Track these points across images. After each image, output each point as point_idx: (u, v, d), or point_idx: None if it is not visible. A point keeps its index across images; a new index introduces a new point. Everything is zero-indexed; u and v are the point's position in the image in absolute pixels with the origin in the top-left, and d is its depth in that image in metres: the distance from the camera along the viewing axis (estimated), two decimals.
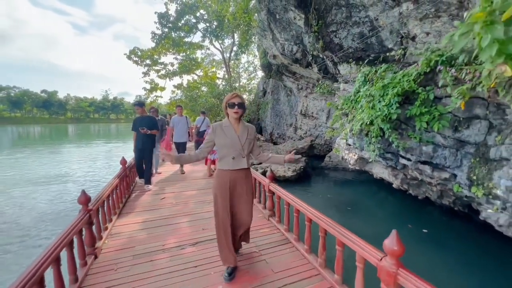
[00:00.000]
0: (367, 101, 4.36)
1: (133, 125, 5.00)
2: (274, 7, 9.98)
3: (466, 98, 3.10)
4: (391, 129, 4.06)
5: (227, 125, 2.25)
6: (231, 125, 2.25)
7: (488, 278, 3.58)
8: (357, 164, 6.56)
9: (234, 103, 2.16)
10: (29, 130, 51.34)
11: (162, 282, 2.27)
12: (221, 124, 2.27)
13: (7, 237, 5.07)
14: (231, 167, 2.24)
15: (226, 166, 2.24)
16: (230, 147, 2.21)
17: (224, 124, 2.26)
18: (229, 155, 2.23)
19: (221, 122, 2.29)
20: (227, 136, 2.21)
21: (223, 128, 2.24)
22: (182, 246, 2.89)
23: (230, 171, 2.24)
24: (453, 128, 3.61)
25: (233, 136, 2.22)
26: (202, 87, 19.07)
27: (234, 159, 2.24)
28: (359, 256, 1.87)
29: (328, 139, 12.09)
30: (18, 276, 1.54)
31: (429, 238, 5.01)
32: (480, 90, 2.92)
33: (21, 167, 12.59)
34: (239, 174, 2.27)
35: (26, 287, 1.50)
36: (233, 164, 2.24)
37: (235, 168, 2.24)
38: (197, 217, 3.73)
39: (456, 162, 3.72)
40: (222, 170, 2.27)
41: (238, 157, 2.25)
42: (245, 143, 2.25)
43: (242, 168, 2.28)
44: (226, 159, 2.24)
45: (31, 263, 1.66)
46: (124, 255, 2.71)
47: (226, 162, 2.24)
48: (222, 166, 2.27)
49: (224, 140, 2.21)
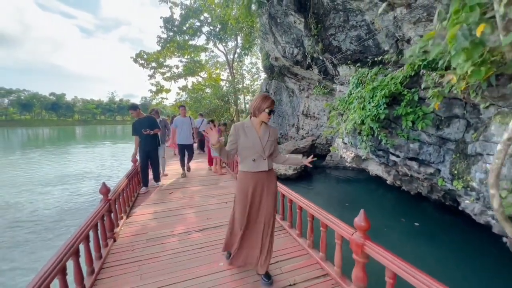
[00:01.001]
0: (358, 102, 4.70)
1: (134, 129, 4.87)
2: (275, 11, 10.35)
3: (440, 99, 3.42)
4: (379, 128, 4.39)
5: (249, 126, 2.18)
6: (253, 126, 2.19)
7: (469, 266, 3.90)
8: (354, 162, 6.88)
9: (272, 110, 2.13)
10: (39, 132, 52.66)
11: (172, 260, 2.66)
12: (243, 125, 2.20)
13: (52, 222, 6.02)
14: (252, 169, 2.18)
15: (247, 168, 2.19)
16: (251, 148, 2.14)
17: (246, 125, 2.19)
18: (250, 157, 2.17)
19: (243, 122, 2.23)
20: (248, 137, 2.15)
21: (244, 129, 2.17)
22: (189, 232, 3.28)
23: (252, 173, 2.18)
24: (435, 127, 3.93)
25: (254, 137, 2.15)
26: (206, 89, 19.55)
27: (254, 161, 2.17)
28: (337, 234, 2.24)
29: (329, 139, 12.38)
30: (60, 246, 1.94)
31: (420, 231, 5.32)
32: (456, 92, 3.24)
33: (39, 167, 13.20)
34: (260, 177, 2.19)
35: (67, 254, 1.90)
36: (254, 166, 2.17)
37: (256, 170, 2.18)
38: (202, 209, 4.12)
39: (440, 158, 4.03)
40: (244, 172, 2.22)
41: (259, 159, 2.17)
42: (266, 145, 2.17)
43: (263, 171, 2.19)
44: (247, 161, 2.19)
45: (68, 239, 2.06)
46: (138, 239, 3.11)
47: (247, 164, 2.19)
48: (243, 168, 2.23)
49: (245, 141, 2.15)
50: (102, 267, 2.52)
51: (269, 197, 2.23)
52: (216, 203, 4.37)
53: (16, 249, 4.83)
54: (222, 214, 3.89)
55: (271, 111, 2.13)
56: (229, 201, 4.44)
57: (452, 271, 3.79)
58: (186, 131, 6.13)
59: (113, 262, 2.62)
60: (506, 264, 3.77)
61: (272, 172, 2.29)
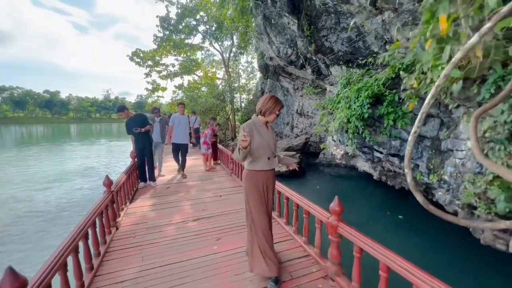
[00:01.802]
0: (345, 102, 5.01)
1: (127, 129, 5.00)
2: (269, 12, 10.60)
3: (414, 100, 3.74)
4: (364, 126, 4.71)
5: (260, 125, 2.21)
6: (263, 125, 2.23)
7: (442, 252, 4.27)
8: (343, 158, 7.22)
9: (281, 112, 2.22)
10: (33, 130, 52.17)
11: (170, 245, 2.95)
12: (255, 124, 2.21)
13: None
14: (265, 167, 2.19)
15: (261, 167, 2.18)
16: (266, 147, 2.17)
17: (257, 124, 2.21)
18: (265, 156, 2.18)
19: (253, 121, 2.23)
20: (262, 137, 2.17)
21: (257, 128, 2.19)
22: (186, 221, 3.57)
23: (264, 171, 2.20)
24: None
25: (267, 136, 2.20)
26: (202, 88, 19.73)
27: (269, 159, 2.20)
28: (316, 219, 2.54)
29: (322, 137, 12.73)
30: (72, 230, 2.21)
31: (403, 223, 5.70)
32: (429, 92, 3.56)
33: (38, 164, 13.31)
34: (271, 174, 2.27)
35: (78, 236, 2.17)
36: (268, 164, 2.20)
37: (269, 169, 2.22)
38: (198, 201, 4.40)
39: (418, 154, 4.37)
40: (256, 171, 2.19)
41: (272, 157, 2.23)
42: (275, 143, 2.29)
43: (273, 168, 2.28)
44: (260, 160, 2.18)
45: (79, 223, 2.33)
46: (139, 228, 3.38)
47: (260, 163, 2.18)
48: (255, 167, 2.19)
49: (260, 140, 2.16)
50: (107, 251, 2.79)
51: (272, 193, 2.33)
52: (211, 196, 4.65)
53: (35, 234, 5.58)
54: (217, 205, 4.17)
55: (280, 113, 2.22)
56: (223, 195, 4.73)
57: (427, 256, 4.17)
58: (182, 129, 5.85)
59: (116, 247, 2.89)
60: (469, 248, 4.16)
61: (274, 169, 2.36)
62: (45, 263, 1.70)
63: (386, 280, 1.77)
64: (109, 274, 2.41)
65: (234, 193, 4.83)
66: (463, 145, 3.42)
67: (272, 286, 2.15)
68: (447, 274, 3.53)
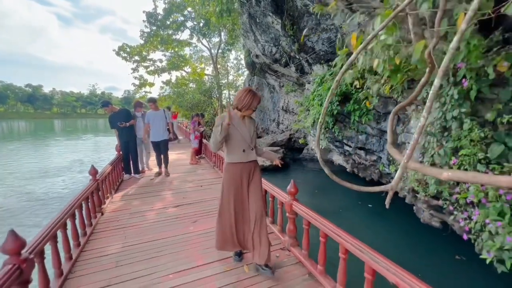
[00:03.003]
0: (318, 99, 5.43)
1: (111, 123, 5.21)
2: (254, 11, 10.90)
3: (371, 99, 4.21)
4: (333, 122, 5.16)
5: (236, 118, 2.25)
6: (240, 118, 2.26)
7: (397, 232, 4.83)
8: (322, 153, 7.69)
9: (257, 107, 2.23)
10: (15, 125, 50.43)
11: (151, 226, 3.28)
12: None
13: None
14: (242, 159, 2.24)
15: (237, 159, 2.24)
16: (241, 139, 2.22)
17: (233, 116, 2.23)
18: (240, 148, 2.23)
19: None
20: (237, 129, 2.21)
21: (233, 121, 2.20)
22: (166, 208, 3.91)
23: (242, 164, 2.25)
24: (376, 121, 4.73)
25: (242, 128, 2.24)
26: (190, 84, 19.84)
27: (244, 151, 2.24)
28: (278, 201, 2.95)
29: (306, 133, 13.23)
30: (61, 209, 2.51)
31: (372, 211, 6.24)
32: (385, 92, 4.02)
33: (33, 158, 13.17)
34: (249, 166, 2.28)
35: (64, 217, 2.47)
36: (244, 156, 2.25)
37: (246, 161, 2.26)
38: (179, 191, 4.74)
39: (380, 147, 4.86)
40: (233, 164, 2.26)
41: (248, 150, 2.26)
42: (253, 135, 2.31)
43: (252, 161, 2.30)
44: (236, 152, 2.24)
45: (66, 204, 2.63)
46: (123, 213, 3.70)
47: (236, 155, 2.24)
48: (232, 159, 2.26)
49: (235, 132, 2.20)
50: (92, 232, 3.10)
51: (257, 186, 2.32)
52: (192, 186, 4.99)
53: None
54: (196, 194, 4.52)
55: (256, 108, 2.23)
56: (204, 185, 5.08)
57: (383, 236, 4.73)
58: (159, 126, 5.48)
59: (102, 229, 3.20)
60: (417, 227, 4.69)
61: (257, 162, 2.39)
62: (38, 233, 2.01)
63: (324, 245, 2.18)
64: (94, 250, 2.73)
65: (215, 184, 5.17)
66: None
67: (235, 258, 2.49)
68: (390, 249, 4.11)
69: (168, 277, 2.27)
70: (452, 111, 2.86)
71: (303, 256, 2.46)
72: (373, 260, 1.62)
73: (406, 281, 1.39)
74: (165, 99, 20.46)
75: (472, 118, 2.73)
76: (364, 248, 1.74)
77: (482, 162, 2.59)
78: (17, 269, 1.57)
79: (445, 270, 3.79)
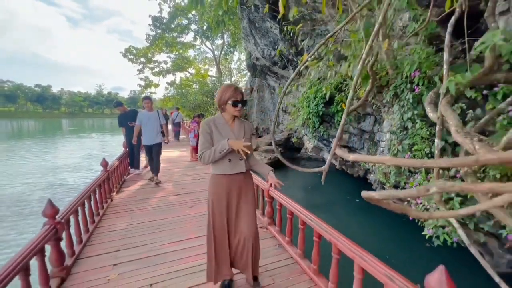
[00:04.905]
0: (306, 101, 5.94)
1: (120, 122, 5.83)
2: (253, 17, 11.45)
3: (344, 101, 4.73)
4: (319, 122, 5.66)
5: (221, 122, 1.95)
6: (226, 122, 1.96)
7: (377, 223, 5.31)
8: (313, 151, 8.20)
9: (238, 100, 1.88)
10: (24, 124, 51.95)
11: (154, 210, 3.85)
12: (214, 121, 1.96)
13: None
14: (227, 171, 1.92)
15: (222, 170, 1.93)
16: None
17: (217, 120, 1.96)
18: (225, 157, 1.91)
19: (213, 118, 1.98)
20: (221, 135, 1.91)
21: (216, 125, 1.94)
22: (167, 196, 4.48)
23: (227, 175, 1.93)
24: (357, 121, 5.22)
25: (228, 134, 1.92)
26: (193, 85, 20.52)
27: (230, 161, 1.92)
28: (259, 188, 3.47)
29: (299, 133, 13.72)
30: (78, 193, 3.08)
31: (359, 205, 6.72)
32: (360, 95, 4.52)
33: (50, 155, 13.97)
34: (237, 179, 1.96)
35: (83, 197, 3.04)
36: (229, 167, 1.92)
37: (232, 173, 1.93)
38: (179, 183, 5.31)
39: (361, 145, 5.35)
40: (217, 175, 1.96)
41: (235, 159, 1.93)
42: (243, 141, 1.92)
43: (240, 172, 1.96)
44: (221, 162, 1.92)
45: (84, 188, 3.20)
46: (129, 200, 4.28)
47: (221, 166, 1.93)
48: (216, 170, 1.96)
49: (219, 138, 1.90)
50: (104, 213, 3.69)
51: (248, 202, 2.01)
52: (190, 179, 5.57)
53: None
54: (194, 185, 5.11)
55: (237, 103, 1.88)
56: (201, 178, 5.64)
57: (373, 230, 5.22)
58: (151, 128, 5.04)
59: (111, 212, 3.79)
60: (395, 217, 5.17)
61: (249, 174, 2.09)
62: (65, 207, 2.58)
63: (291, 222, 2.71)
64: (106, 227, 3.31)
65: None
66: (384, 137, 4.40)
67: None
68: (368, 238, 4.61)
69: (165, 245, 2.83)
70: (408, 113, 3.35)
71: (276, 232, 3.00)
72: (322, 229, 2.15)
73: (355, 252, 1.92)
74: (170, 99, 21.16)
75: (422, 119, 3.22)
76: (331, 232, 2.24)
77: (429, 156, 3.08)
78: (53, 229, 2.14)
79: (415, 256, 4.28)
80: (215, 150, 1.86)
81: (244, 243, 1.96)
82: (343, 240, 1.88)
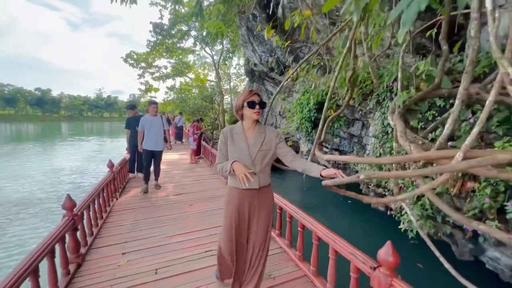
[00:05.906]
0: (300, 107, 6.30)
1: (127, 124, 5.79)
2: (251, 25, 11.89)
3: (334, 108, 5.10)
4: (312, 127, 6.02)
5: (239, 131, 1.84)
6: (243, 131, 1.84)
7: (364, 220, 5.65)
8: (308, 154, 8.54)
9: (255, 101, 1.75)
10: (24, 128, 52.12)
11: (156, 208, 4.17)
12: (232, 130, 1.86)
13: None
14: (239, 185, 1.78)
15: (234, 183, 1.83)
16: (238, 160, 1.78)
17: (235, 130, 1.86)
18: None
19: (233, 126, 1.89)
20: (235, 145, 1.81)
21: (233, 135, 1.84)
22: (168, 195, 4.81)
23: (239, 190, 1.83)
24: (346, 126, 5.58)
25: (242, 146, 1.80)
26: (193, 89, 20.89)
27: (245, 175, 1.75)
28: None
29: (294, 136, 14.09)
30: (89, 191, 3.40)
31: (351, 206, 7.06)
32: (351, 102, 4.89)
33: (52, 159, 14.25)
34: (249, 195, 1.83)
35: (94, 194, 3.36)
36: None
37: (243, 188, 1.80)
38: (180, 184, 5.63)
39: (351, 148, 5.70)
40: (232, 188, 1.87)
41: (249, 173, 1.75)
42: (257, 155, 1.79)
43: (253, 189, 1.82)
44: (234, 175, 1.77)
45: (94, 187, 3.52)
46: (133, 199, 4.60)
47: (234, 179, 1.80)
48: (231, 182, 1.87)
49: (232, 149, 1.82)
50: (111, 211, 4.00)
51: (261, 221, 1.88)
52: (190, 180, 5.89)
53: None
54: (194, 186, 5.43)
55: (253, 104, 1.75)
56: (200, 180, 5.96)
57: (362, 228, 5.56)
58: (155, 134, 4.93)
59: (117, 209, 4.10)
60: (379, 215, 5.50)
61: (267, 190, 1.91)
62: (80, 202, 2.90)
63: (280, 215, 3.04)
64: (113, 222, 3.62)
65: (210, 179, 6.06)
66: (369, 141, 4.75)
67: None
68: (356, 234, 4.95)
69: (168, 237, 3.15)
70: (388, 119, 3.70)
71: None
72: (314, 227, 2.48)
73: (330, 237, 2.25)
74: (169, 103, 21.52)
75: None
76: (311, 221, 2.58)
77: None
78: (71, 220, 2.46)
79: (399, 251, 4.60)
80: (221, 168, 1.83)
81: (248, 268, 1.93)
82: (321, 228, 2.21)
